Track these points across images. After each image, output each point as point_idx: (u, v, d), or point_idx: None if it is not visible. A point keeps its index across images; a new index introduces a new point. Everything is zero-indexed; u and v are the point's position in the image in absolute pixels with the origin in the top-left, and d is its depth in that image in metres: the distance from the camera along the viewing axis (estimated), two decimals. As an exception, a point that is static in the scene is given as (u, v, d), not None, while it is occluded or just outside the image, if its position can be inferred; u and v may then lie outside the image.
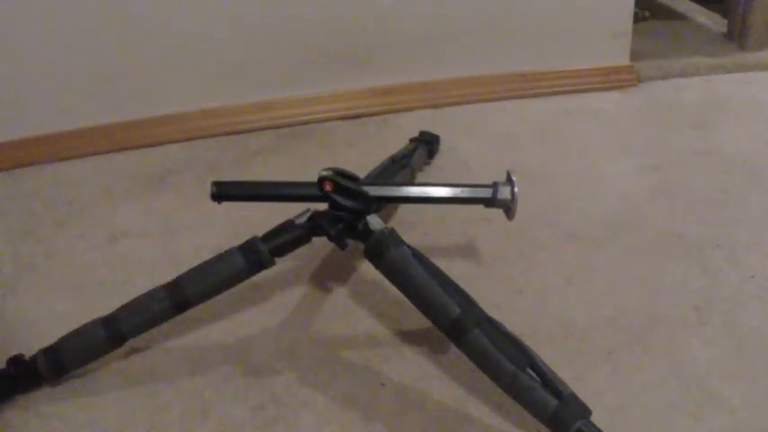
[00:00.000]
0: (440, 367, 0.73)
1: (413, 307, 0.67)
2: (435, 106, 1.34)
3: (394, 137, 1.18)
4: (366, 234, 0.71)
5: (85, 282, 0.89)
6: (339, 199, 0.72)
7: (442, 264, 0.67)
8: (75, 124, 1.23)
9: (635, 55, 1.42)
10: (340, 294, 0.85)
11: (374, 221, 0.72)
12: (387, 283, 0.68)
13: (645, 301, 0.81)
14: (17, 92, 1.20)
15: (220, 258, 0.72)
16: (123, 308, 0.71)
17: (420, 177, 1.05)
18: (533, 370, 0.60)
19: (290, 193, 0.78)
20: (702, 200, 1.01)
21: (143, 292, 0.71)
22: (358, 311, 0.82)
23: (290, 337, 0.78)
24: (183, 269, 0.72)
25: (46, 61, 1.19)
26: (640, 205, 1.01)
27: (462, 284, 0.66)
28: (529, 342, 0.62)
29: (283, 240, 0.72)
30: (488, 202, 0.77)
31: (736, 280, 0.84)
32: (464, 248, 0.93)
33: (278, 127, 1.29)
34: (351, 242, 0.74)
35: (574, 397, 0.59)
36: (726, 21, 1.65)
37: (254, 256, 0.71)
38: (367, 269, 0.83)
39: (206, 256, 0.72)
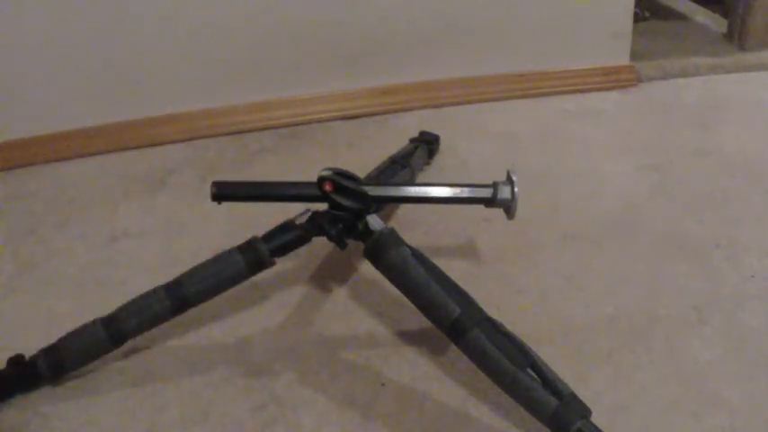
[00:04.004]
0: (440, 367, 0.73)
1: (413, 307, 0.67)
2: (435, 106, 1.34)
3: (394, 137, 1.18)
4: (366, 234, 0.71)
5: (85, 282, 0.89)
6: (339, 199, 0.72)
7: (441, 264, 0.67)
8: (75, 124, 1.23)
9: (635, 55, 1.42)
10: (340, 294, 0.85)
11: (374, 221, 0.72)
12: (387, 283, 0.68)
13: (645, 301, 0.81)
14: (17, 92, 1.20)
15: (220, 258, 0.72)
16: (123, 308, 0.71)
17: (420, 177, 1.05)
18: (533, 370, 0.60)
19: (289, 193, 0.78)
20: (702, 200, 1.01)
21: (143, 292, 0.71)
22: (358, 311, 0.82)
23: (290, 337, 0.78)
24: (183, 269, 0.72)
25: (46, 61, 1.19)
26: (640, 205, 1.01)
27: (462, 284, 0.66)
28: (529, 342, 0.62)
29: (283, 240, 0.72)
30: (488, 202, 0.77)
31: (736, 280, 0.84)
32: (464, 248, 0.93)
33: (278, 127, 1.29)
34: (351, 242, 0.74)
35: (574, 397, 0.59)
36: (726, 21, 1.65)
37: (254, 256, 0.71)
38: (367, 269, 0.83)
39: (206, 256, 0.72)
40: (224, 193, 0.78)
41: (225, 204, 0.78)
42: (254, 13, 1.23)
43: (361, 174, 0.83)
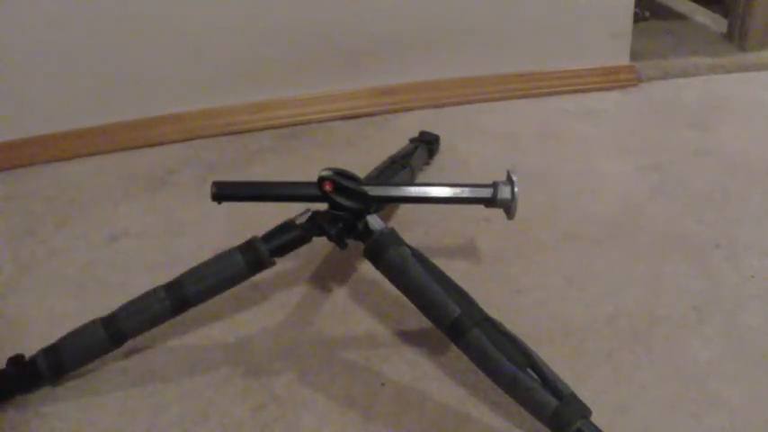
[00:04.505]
0: (440, 367, 0.73)
1: (413, 307, 0.67)
2: (435, 106, 1.34)
3: (394, 137, 1.18)
4: (366, 234, 0.71)
5: (85, 282, 0.89)
6: (339, 199, 0.72)
7: (441, 264, 0.67)
8: (75, 124, 1.23)
9: (635, 55, 1.42)
10: (340, 294, 0.85)
11: (374, 221, 0.72)
12: (387, 283, 0.68)
13: (645, 301, 0.81)
14: (17, 92, 1.20)
15: (220, 258, 0.72)
16: (123, 308, 0.71)
17: (420, 177, 1.05)
18: (533, 370, 0.60)
19: (289, 193, 0.78)
20: (702, 200, 1.01)
21: (143, 292, 0.71)
22: (358, 311, 0.82)
23: (290, 337, 0.78)
24: (183, 269, 0.72)
25: (46, 61, 1.19)
26: (640, 205, 1.01)
27: (462, 284, 0.66)
28: (529, 342, 0.62)
29: (283, 240, 0.72)
30: (489, 202, 0.77)
31: (736, 280, 0.84)
32: (464, 248, 0.93)
33: (278, 127, 1.29)
34: (351, 242, 0.74)
35: (574, 397, 0.59)
36: (726, 21, 1.65)
37: (254, 256, 0.71)
38: (367, 269, 0.84)
39: (206, 256, 0.72)
40: (224, 193, 0.78)
41: (225, 204, 0.78)
42: (254, 13, 1.23)
43: (361, 174, 0.83)
